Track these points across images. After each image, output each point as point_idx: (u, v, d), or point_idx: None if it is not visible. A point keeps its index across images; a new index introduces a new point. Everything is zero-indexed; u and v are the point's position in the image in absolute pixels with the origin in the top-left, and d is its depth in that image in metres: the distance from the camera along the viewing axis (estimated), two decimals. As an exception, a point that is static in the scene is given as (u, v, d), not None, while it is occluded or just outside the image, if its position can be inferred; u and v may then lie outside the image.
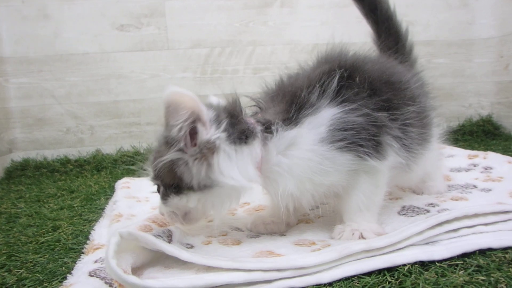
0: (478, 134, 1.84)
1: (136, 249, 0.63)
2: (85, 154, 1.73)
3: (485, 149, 1.59)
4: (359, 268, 0.62)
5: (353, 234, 0.72)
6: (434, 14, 1.89)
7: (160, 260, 0.64)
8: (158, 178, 0.69)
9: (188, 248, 0.71)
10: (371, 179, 0.72)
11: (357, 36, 0.98)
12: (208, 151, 0.64)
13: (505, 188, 0.94)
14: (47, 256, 0.78)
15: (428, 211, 0.83)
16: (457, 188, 0.99)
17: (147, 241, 0.61)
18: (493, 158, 1.20)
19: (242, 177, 0.65)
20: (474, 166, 1.18)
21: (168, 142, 0.65)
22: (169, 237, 0.70)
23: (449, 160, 1.27)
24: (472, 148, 1.64)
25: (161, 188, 0.70)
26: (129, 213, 0.91)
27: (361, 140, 0.67)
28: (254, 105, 0.75)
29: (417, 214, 0.82)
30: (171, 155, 0.65)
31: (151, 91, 1.76)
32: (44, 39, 1.67)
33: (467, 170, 1.15)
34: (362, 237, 0.71)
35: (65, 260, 0.75)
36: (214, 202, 0.68)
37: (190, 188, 0.66)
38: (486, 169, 1.13)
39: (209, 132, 0.64)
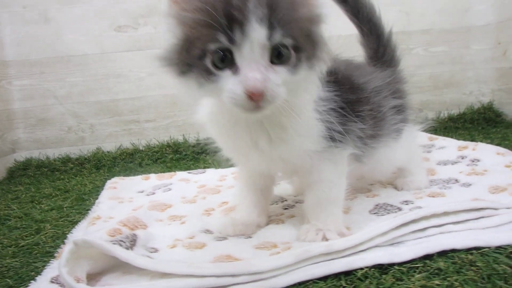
0: (479, 122, 1.80)
1: (95, 255, 0.65)
2: (86, 152, 1.78)
3: (485, 138, 1.56)
4: (315, 272, 0.62)
5: (317, 234, 0.73)
6: (430, 2, 1.84)
7: (121, 265, 0.65)
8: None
9: (152, 252, 0.73)
10: (333, 168, 0.75)
11: (350, 28, 1.00)
12: None
13: (486, 182, 0.92)
14: (23, 260, 0.80)
15: (400, 209, 0.83)
16: (438, 183, 0.98)
17: (102, 248, 0.63)
18: (482, 149, 1.18)
19: None
20: (462, 158, 1.15)
21: None
22: (132, 242, 0.72)
23: (439, 152, 1.25)
24: (472, 137, 1.60)
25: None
26: (108, 215, 0.94)
27: (333, 120, 0.70)
28: None
29: (388, 213, 0.82)
30: None
31: (149, 89, 1.79)
32: (45, 41, 1.72)
33: (454, 163, 1.13)
34: (325, 237, 0.72)
35: (38, 264, 0.77)
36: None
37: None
38: (473, 161, 1.11)
39: None
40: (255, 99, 0.55)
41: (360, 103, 0.78)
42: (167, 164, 1.64)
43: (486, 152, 1.15)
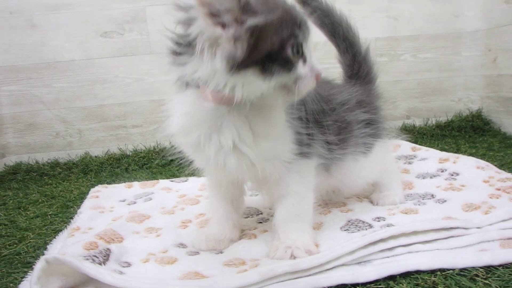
0: (466, 130, 1.80)
1: (68, 271, 0.66)
2: (74, 156, 1.79)
3: (470, 147, 1.56)
4: (279, 290, 0.63)
5: (285, 252, 0.73)
6: (419, 7, 1.84)
7: (93, 280, 0.66)
8: None
9: (124, 266, 0.74)
10: (301, 181, 0.77)
11: None
12: None
13: (461, 199, 0.93)
14: (4, 270, 0.82)
15: (371, 226, 0.83)
16: (414, 198, 0.99)
17: (73, 265, 0.65)
18: (463, 163, 1.18)
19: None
20: (442, 171, 1.16)
21: None
22: (105, 257, 0.73)
23: (420, 164, 1.25)
24: (457, 146, 1.61)
25: None
26: (87, 226, 0.95)
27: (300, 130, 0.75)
28: None
29: (359, 230, 0.82)
30: None
31: (135, 94, 1.80)
32: (32, 48, 1.72)
33: (433, 176, 1.13)
34: (293, 255, 0.73)
35: (17, 275, 0.79)
36: None
37: None
38: (452, 175, 1.11)
39: None
40: (318, 79, 0.69)
41: (324, 114, 0.80)
42: (153, 170, 1.65)
43: (466, 165, 1.15)
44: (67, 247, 0.79)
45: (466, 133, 1.79)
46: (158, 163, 1.70)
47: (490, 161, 1.31)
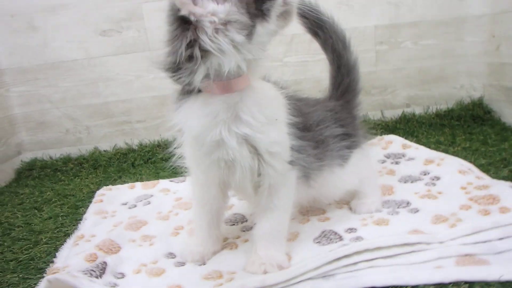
0: (465, 119, 1.78)
1: (68, 286, 0.76)
2: (85, 151, 1.90)
3: (466, 139, 1.57)
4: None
5: (259, 267, 0.81)
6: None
7: None
8: None
9: (119, 278, 0.84)
10: (287, 194, 0.84)
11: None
12: None
13: (434, 209, 0.97)
14: (21, 275, 0.93)
15: (341, 239, 0.90)
16: (390, 206, 1.04)
17: (70, 284, 0.75)
18: (446, 165, 1.21)
19: None
20: (425, 174, 1.19)
21: None
22: (101, 270, 0.84)
23: (406, 165, 1.28)
24: (454, 137, 1.62)
25: None
26: (90, 233, 1.06)
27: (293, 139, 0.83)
28: None
29: (329, 243, 0.89)
30: None
31: (137, 91, 1.86)
32: (35, 49, 1.80)
33: (414, 180, 1.17)
34: (265, 271, 0.80)
35: (31, 282, 0.90)
36: None
37: None
38: (433, 179, 1.15)
39: None
40: None
41: (304, 130, 0.86)
42: (157, 165, 1.74)
43: (449, 168, 1.18)
44: (71, 258, 0.90)
45: (465, 123, 1.78)
46: (162, 158, 1.79)
47: (481, 158, 1.34)
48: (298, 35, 1.78)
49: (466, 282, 0.72)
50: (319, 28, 1.02)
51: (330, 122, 0.94)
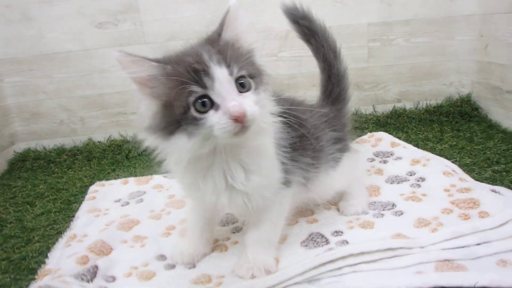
0: (454, 116, 1.82)
1: None
2: (79, 143, 1.91)
3: (454, 136, 1.61)
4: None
5: (247, 271, 0.85)
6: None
7: None
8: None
9: (109, 282, 0.86)
10: (279, 210, 0.88)
11: (331, 20, 1.11)
12: None
13: (417, 213, 1.01)
14: (12, 276, 0.94)
15: (328, 242, 0.94)
16: (376, 208, 1.07)
17: None
18: (431, 166, 1.24)
19: None
20: (411, 175, 1.23)
21: None
22: (93, 274, 0.86)
23: (393, 165, 1.32)
24: (442, 134, 1.65)
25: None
26: (82, 232, 1.07)
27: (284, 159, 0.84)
28: None
29: (316, 247, 0.93)
30: None
31: (132, 83, 1.85)
32: (30, 40, 1.78)
33: (401, 181, 1.21)
34: (253, 275, 0.84)
35: (22, 283, 0.91)
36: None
37: None
38: (418, 180, 1.19)
39: None
40: (240, 120, 0.66)
41: (304, 137, 0.88)
42: (150, 158, 1.76)
43: (434, 169, 1.21)
44: (63, 260, 0.93)
45: (453, 119, 1.82)
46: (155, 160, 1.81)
47: (467, 157, 1.39)
48: (293, 30, 1.78)
49: (443, 288, 0.76)
50: (312, 36, 1.04)
51: (326, 127, 0.97)
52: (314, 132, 0.93)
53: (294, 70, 1.88)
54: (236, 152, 0.77)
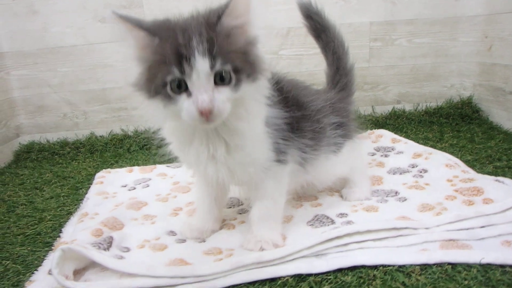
0: (454, 118, 1.85)
1: (79, 256, 0.81)
2: (81, 136, 1.92)
3: (454, 136, 1.63)
4: (245, 278, 0.77)
5: (255, 244, 0.86)
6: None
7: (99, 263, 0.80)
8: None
9: (124, 251, 0.87)
10: (276, 186, 0.89)
11: (333, 18, 1.11)
12: None
13: (420, 199, 1.01)
14: (29, 248, 0.97)
15: (333, 222, 0.95)
16: (379, 195, 1.09)
17: (82, 253, 0.79)
18: (433, 159, 1.26)
19: None
20: (413, 167, 1.25)
21: None
22: (109, 244, 0.87)
23: (395, 158, 1.34)
24: (442, 134, 1.68)
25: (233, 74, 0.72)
26: (93, 211, 1.09)
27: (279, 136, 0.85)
28: None
29: (322, 226, 0.94)
30: None
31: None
32: (35, 33, 1.81)
33: (403, 172, 1.22)
34: (261, 248, 0.85)
35: (40, 254, 0.94)
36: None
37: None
38: (420, 172, 1.20)
39: None
40: (205, 114, 0.69)
41: (303, 119, 0.90)
42: (152, 151, 1.78)
43: (436, 162, 1.23)
44: (77, 232, 0.94)
45: (454, 121, 1.84)
46: (156, 145, 1.82)
47: (468, 154, 1.40)
48: (294, 28, 1.83)
49: (449, 264, 0.78)
50: (323, 31, 1.08)
51: (328, 111, 0.99)
52: (315, 115, 0.95)
53: (295, 68, 1.90)
54: (217, 129, 0.80)
